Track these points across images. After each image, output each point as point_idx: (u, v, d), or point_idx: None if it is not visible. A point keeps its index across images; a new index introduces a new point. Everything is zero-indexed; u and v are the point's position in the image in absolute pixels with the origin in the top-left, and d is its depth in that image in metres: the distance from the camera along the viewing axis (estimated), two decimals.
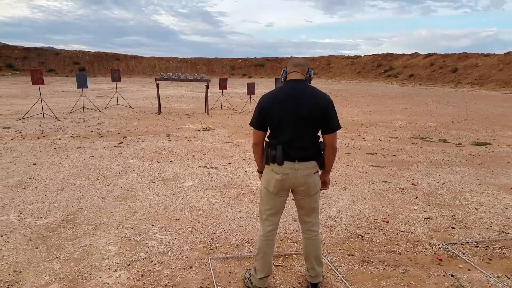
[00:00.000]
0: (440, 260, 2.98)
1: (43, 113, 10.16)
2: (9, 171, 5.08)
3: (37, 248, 3.01)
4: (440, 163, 6.17)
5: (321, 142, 2.33)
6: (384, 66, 40.48)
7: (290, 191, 2.39)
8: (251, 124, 2.34)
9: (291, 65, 2.33)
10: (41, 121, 9.37)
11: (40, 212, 3.71)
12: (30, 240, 3.14)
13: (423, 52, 40.93)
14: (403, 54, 41.71)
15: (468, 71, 32.14)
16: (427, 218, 3.81)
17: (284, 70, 2.35)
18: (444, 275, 2.75)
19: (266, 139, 2.36)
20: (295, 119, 2.20)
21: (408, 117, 12.00)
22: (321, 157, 2.33)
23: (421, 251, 3.14)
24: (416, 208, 4.11)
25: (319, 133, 2.30)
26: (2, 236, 3.19)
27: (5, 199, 4.03)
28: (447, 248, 3.17)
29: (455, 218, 3.83)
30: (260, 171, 2.49)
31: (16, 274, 2.63)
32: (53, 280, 2.57)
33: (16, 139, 7.19)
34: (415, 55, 40.25)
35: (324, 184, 2.48)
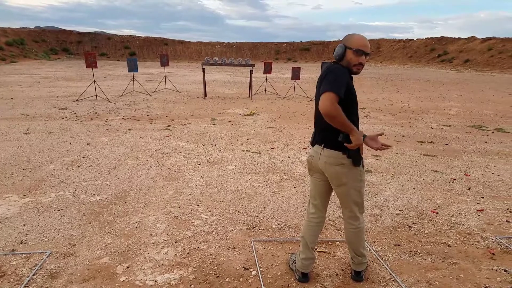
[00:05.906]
0: (493, 254, 2.82)
1: (96, 95, 10.72)
2: (65, 149, 5.43)
3: (90, 223, 3.21)
4: (496, 154, 5.78)
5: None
6: (437, 51, 38.06)
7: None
8: None
9: None
10: (94, 103, 9.88)
11: (93, 189, 3.94)
12: (84, 215, 3.35)
13: (480, 36, 37.78)
14: (459, 38, 38.90)
15: None
16: (480, 210, 3.61)
17: None
18: (496, 270, 2.60)
19: None
20: (315, 100, 2.20)
21: (463, 105, 11.29)
22: (349, 150, 2.06)
23: (473, 244, 2.98)
24: (468, 199, 3.90)
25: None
26: (58, 210, 3.43)
27: (61, 176, 4.32)
28: (501, 242, 2.99)
29: (510, 211, 3.59)
30: None
31: (71, 247, 2.82)
32: (105, 253, 2.73)
33: (71, 120, 7.65)
34: (472, 39, 37.39)
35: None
